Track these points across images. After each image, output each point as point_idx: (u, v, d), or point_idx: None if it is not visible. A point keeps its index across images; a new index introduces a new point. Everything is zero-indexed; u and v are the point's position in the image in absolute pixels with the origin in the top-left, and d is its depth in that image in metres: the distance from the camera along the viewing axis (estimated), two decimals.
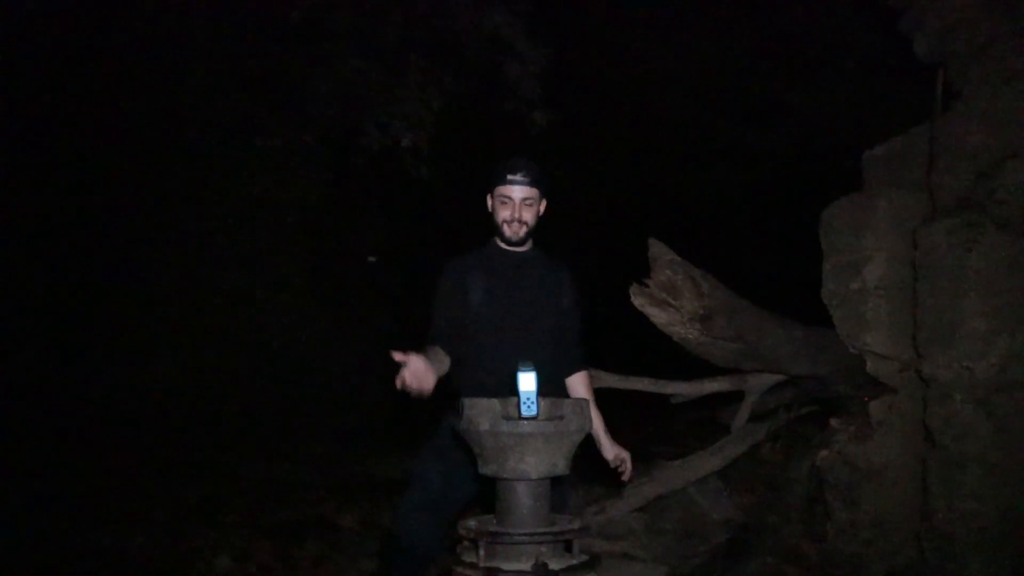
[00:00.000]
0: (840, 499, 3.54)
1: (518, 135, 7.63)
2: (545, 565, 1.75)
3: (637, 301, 3.50)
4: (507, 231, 2.58)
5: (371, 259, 7.68)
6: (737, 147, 7.97)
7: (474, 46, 7.29)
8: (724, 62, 7.02)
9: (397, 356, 2.22)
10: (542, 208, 2.65)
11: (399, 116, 7.43)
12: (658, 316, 3.52)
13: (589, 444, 2.55)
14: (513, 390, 1.81)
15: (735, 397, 4.35)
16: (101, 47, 6.36)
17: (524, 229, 2.58)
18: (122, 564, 4.30)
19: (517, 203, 2.56)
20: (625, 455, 2.65)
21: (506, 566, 1.77)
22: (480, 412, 1.80)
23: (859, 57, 6.05)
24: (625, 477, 2.70)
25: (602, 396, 3.11)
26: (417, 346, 2.50)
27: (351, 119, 7.41)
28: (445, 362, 2.48)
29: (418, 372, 2.23)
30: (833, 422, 3.73)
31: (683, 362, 4.05)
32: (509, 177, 2.54)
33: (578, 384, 2.72)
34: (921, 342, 3.21)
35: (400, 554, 2.43)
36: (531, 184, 2.55)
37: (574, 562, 1.80)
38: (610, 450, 2.65)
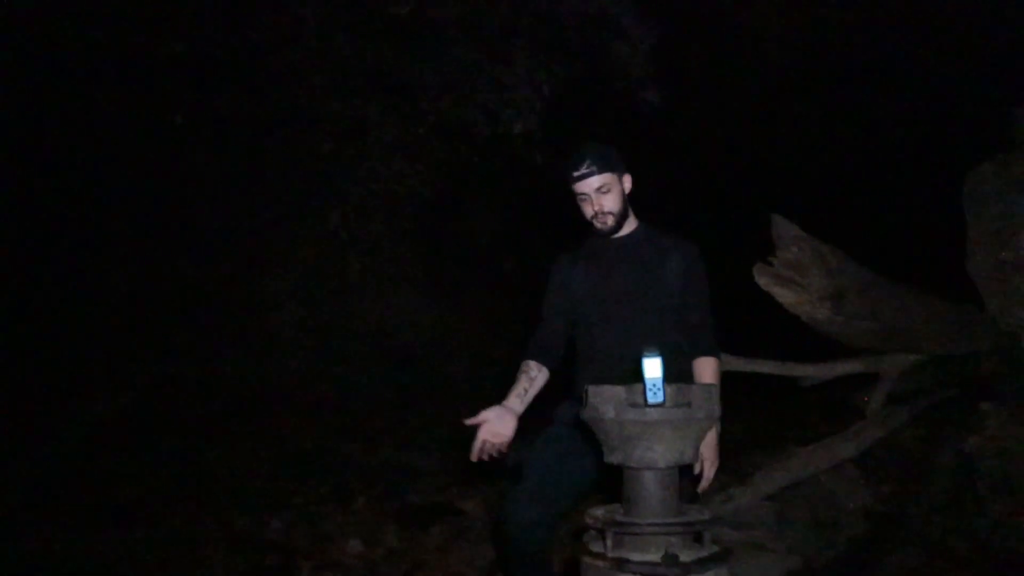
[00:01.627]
0: (994, 488, 3.28)
1: (630, 115, 7.50)
2: (675, 557, 1.69)
3: (762, 281, 3.34)
4: (597, 225, 2.51)
5: None
6: (865, 116, 7.51)
7: (580, 28, 7.21)
8: (846, 25, 6.61)
9: (470, 421, 2.31)
10: (626, 185, 2.54)
11: (509, 103, 7.46)
12: (785, 296, 3.35)
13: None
14: (636, 376, 1.76)
15: (868, 380, 4.10)
16: (220, 47, 6.64)
17: (611, 218, 2.50)
18: (261, 546, 4.54)
19: (593, 196, 2.47)
20: (710, 460, 2.39)
21: (635, 557, 1.72)
22: (605, 400, 1.76)
23: (995, 9, 5.56)
24: (701, 486, 2.42)
25: (728, 379, 2.98)
26: (525, 349, 2.56)
27: (461, 109, 7.49)
28: (538, 380, 2.51)
29: (494, 429, 2.34)
30: (984, 406, 3.45)
31: (813, 343, 3.85)
32: (575, 174, 2.46)
33: (703, 370, 2.50)
34: None
35: (511, 543, 2.40)
36: (599, 171, 2.45)
37: (705, 554, 1.73)
38: (708, 449, 2.39)
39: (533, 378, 2.51)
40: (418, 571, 4.10)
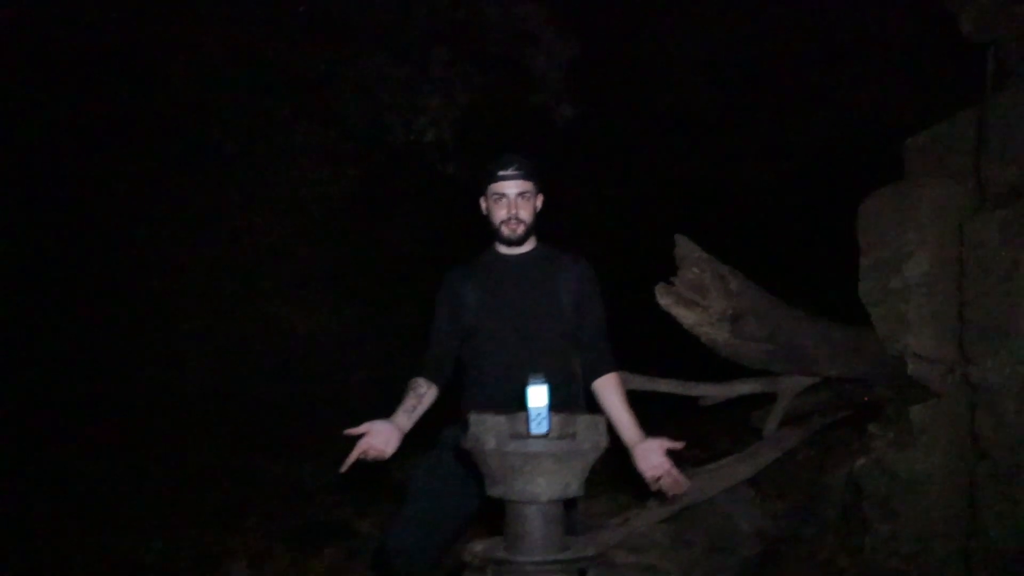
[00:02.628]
0: (879, 510, 3.34)
1: (545, 128, 7.50)
2: None
3: (663, 301, 3.32)
4: (505, 231, 2.43)
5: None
6: (768, 138, 7.73)
7: (499, 39, 7.18)
8: (755, 50, 6.80)
9: (350, 432, 2.23)
10: (539, 203, 2.48)
11: (423, 111, 7.36)
12: (686, 316, 3.34)
13: (615, 453, 2.38)
14: (522, 404, 1.67)
15: (767, 400, 4.16)
16: (125, 46, 6.35)
17: (522, 227, 2.43)
18: (138, 569, 4.26)
19: (512, 199, 2.41)
20: (664, 467, 2.24)
21: None
22: (486, 429, 1.67)
23: (896, 41, 5.80)
24: (672, 491, 2.26)
25: (629, 399, 2.94)
26: (415, 366, 2.47)
27: (375, 115, 7.35)
28: (426, 398, 2.42)
29: (375, 443, 2.23)
30: (871, 428, 3.53)
31: (712, 364, 3.88)
32: (501, 173, 2.40)
33: (607, 388, 2.40)
34: (968, 343, 3.00)
35: (389, 572, 2.28)
36: (525, 177, 2.40)
37: None
38: (644, 462, 2.26)
39: (421, 395, 2.41)
40: None
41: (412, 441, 2.50)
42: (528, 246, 2.50)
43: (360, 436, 2.25)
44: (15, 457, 5.43)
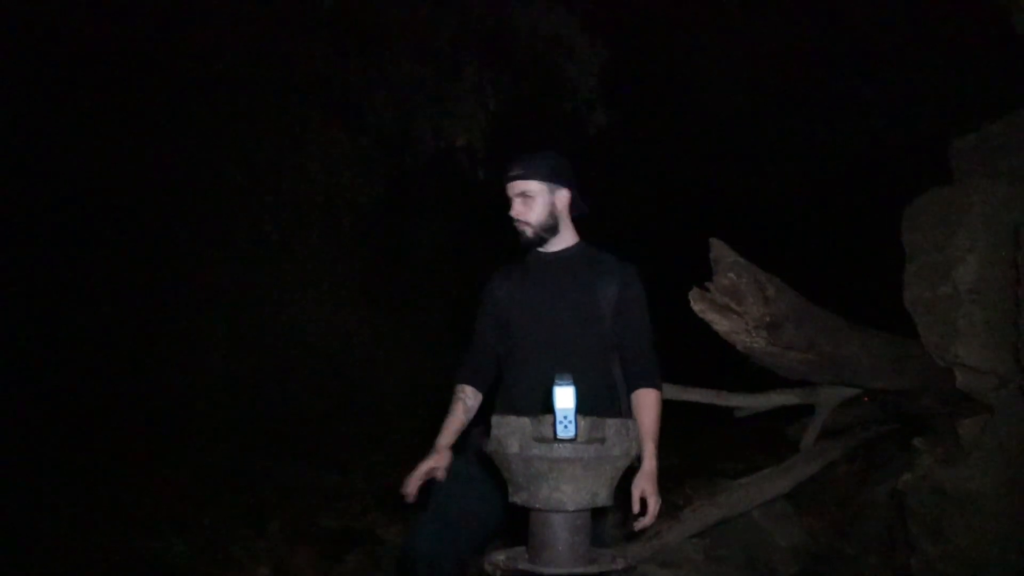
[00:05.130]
0: (925, 529, 3.17)
1: (577, 136, 7.42)
2: None
3: (697, 307, 3.20)
4: (518, 231, 2.36)
5: None
6: (807, 144, 7.57)
7: (530, 46, 7.14)
8: (791, 55, 6.66)
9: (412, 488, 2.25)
10: (558, 200, 2.35)
11: (454, 117, 7.33)
12: (720, 323, 3.21)
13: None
14: (547, 407, 1.57)
15: (805, 411, 4.00)
16: (161, 51, 6.42)
17: (529, 229, 2.33)
18: (161, 571, 4.21)
19: (515, 201, 2.33)
20: (651, 498, 2.10)
21: None
22: (509, 432, 1.57)
23: (937, 45, 5.64)
24: (638, 525, 2.15)
25: (663, 407, 2.81)
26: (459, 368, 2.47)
27: (406, 121, 7.34)
28: (474, 406, 2.41)
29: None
30: (917, 442, 3.36)
31: (748, 374, 3.74)
32: (505, 177, 2.34)
33: (639, 401, 2.28)
34: None
35: None
36: (524, 177, 2.30)
37: None
38: (639, 483, 2.12)
39: (470, 408, 2.39)
40: None
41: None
42: (562, 244, 2.40)
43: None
44: (38, 457, 5.45)
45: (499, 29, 7.03)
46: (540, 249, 2.39)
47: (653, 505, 2.11)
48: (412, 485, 2.23)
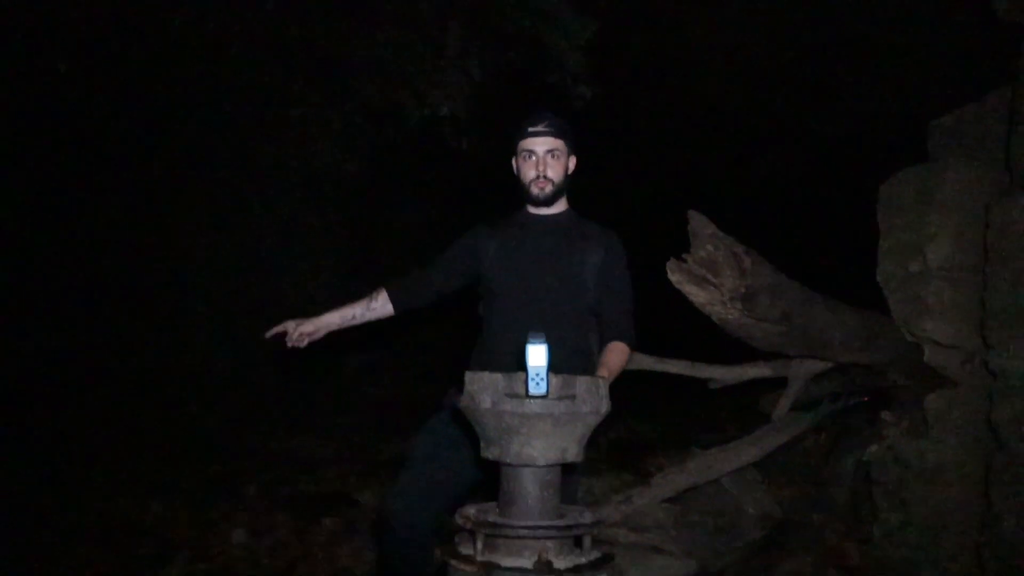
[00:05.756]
0: (889, 499, 3.26)
1: (562, 108, 7.40)
2: (549, 563, 1.54)
3: (674, 278, 3.22)
4: (534, 189, 2.34)
5: None
6: (787, 121, 7.61)
7: (516, 17, 7.08)
8: (773, 34, 6.67)
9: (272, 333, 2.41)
10: (571, 165, 2.40)
11: (437, 85, 7.27)
12: (697, 294, 3.24)
13: (614, 427, 2.31)
14: (521, 365, 1.60)
15: (778, 384, 4.07)
16: (136, 19, 6.29)
17: (550, 186, 2.34)
18: (138, 532, 4.24)
19: (541, 156, 2.33)
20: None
21: (506, 562, 1.56)
22: (482, 388, 1.59)
23: (917, 26, 5.67)
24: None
25: (638, 378, 2.86)
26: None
27: (389, 89, 7.27)
28: (373, 312, 2.49)
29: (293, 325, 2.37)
30: (884, 415, 3.44)
31: (723, 347, 3.79)
32: (531, 129, 2.32)
33: (610, 347, 2.29)
34: (990, 330, 2.90)
35: (391, 540, 2.23)
36: (555, 135, 2.32)
37: (582, 560, 1.59)
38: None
39: (372, 308, 2.47)
40: (303, 564, 3.89)
41: (418, 410, 2.43)
42: (557, 208, 2.42)
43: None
44: (16, 420, 5.43)
45: None
46: (533, 211, 2.41)
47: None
48: (273, 331, 2.39)
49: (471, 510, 1.67)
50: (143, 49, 6.51)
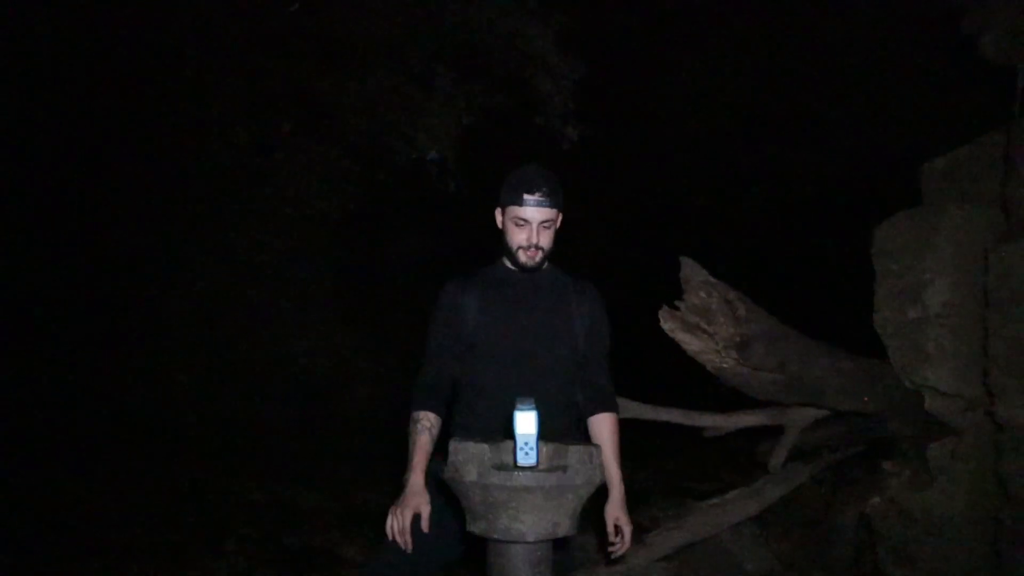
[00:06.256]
0: (893, 554, 3.14)
1: (550, 150, 7.41)
2: None
3: (667, 326, 3.16)
4: (523, 257, 2.21)
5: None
6: (779, 165, 7.62)
7: (504, 60, 7.13)
8: (764, 76, 6.71)
9: (399, 528, 2.04)
10: (559, 224, 2.28)
11: (426, 129, 7.28)
12: (690, 343, 3.17)
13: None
14: (509, 433, 1.49)
15: (774, 432, 3.97)
16: (127, 59, 6.29)
17: (541, 254, 2.22)
18: None
19: (535, 227, 2.18)
20: (625, 527, 2.16)
21: None
22: (467, 458, 1.49)
23: (907, 69, 5.71)
24: (615, 552, 2.20)
25: (631, 427, 2.75)
26: (415, 390, 2.26)
27: (378, 132, 7.27)
28: (436, 431, 2.19)
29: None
30: (885, 465, 3.33)
31: (718, 394, 3.70)
32: (527, 197, 2.15)
33: (601, 428, 2.24)
34: (994, 379, 2.81)
35: None
36: (551, 205, 2.17)
37: None
38: (611, 512, 2.17)
39: (434, 437, 2.18)
40: None
41: (398, 466, 2.30)
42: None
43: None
44: None
45: (473, 42, 7.01)
46: (513, 267, 2.30)
47: (628, 531, 2.17)
48: (407, 536, 2.02)
49: None
50: (131, 91, 6.50)
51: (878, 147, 6.32)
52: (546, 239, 2.22)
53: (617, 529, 2.16)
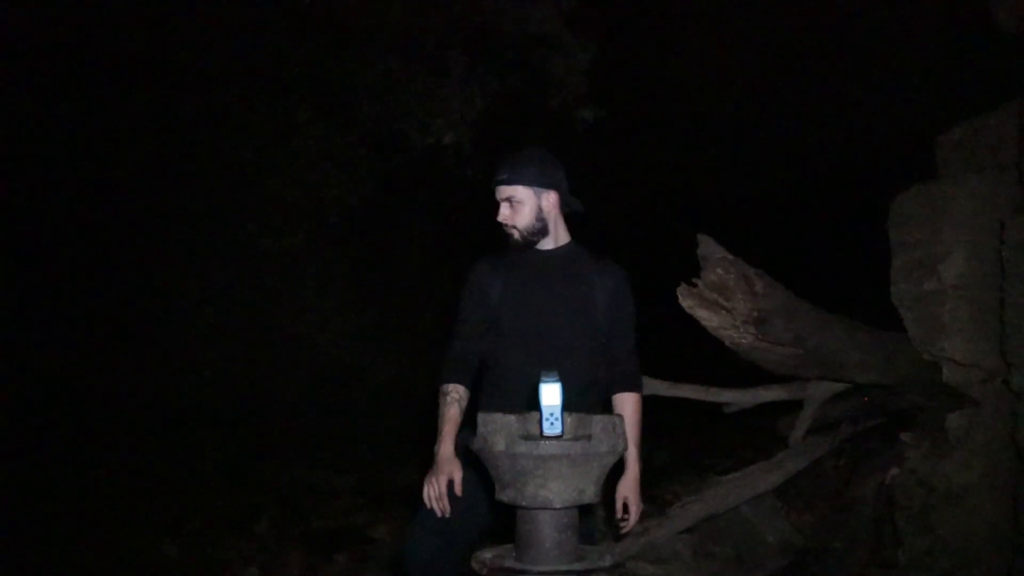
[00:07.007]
0: (913, 524, 3.18)
1: (564, 132, 7.42)
2: None
3: (686, 303, 3.19)
4: (506, 233, 2.34)
5: None
6: (794, 140, 7.58)
7: (517, 43, 7.12)
8: (777, 51, 6.67)
9: (436, 494, 2.17)
10: (545, 203, 2.31)
11: (440, 114, 7.31)
12: (709, 319, 3.20)
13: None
14: (535, 404, 1.56)
15: (794, 407, 4.01)
16: (141, 50, 6.36)
17: (516, 232, 2.30)
18: (151, 573, 4.19)
19: (501, 205, 2.31)
20: (633, 506, 2.24)
21: None
22: (495, 429, 1.55)
23: (923, 40, 5.66)
24: (622, 529, 2.31)
25: (651, 403, 2.81)
26: (443, 364, 2.36)
27: (393, 119, 7.31)
28: (465, 403, 2.32)
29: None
30: (904, 437, 3.37)
31: (737, 369, 3.74)
32: (495, 178, 2.31)
33: (623, 406, 2.30)
34: (1010, 349, 2.83)
35: None
36: (510, 182, 2.27)
37: None
38: (622, 491, 2.24)
39: (463, 409, 2.29)
40: None
41: (423, 447, 2.38)
42: (553, 243, 2.37)
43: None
44: (27, 459, 5.40)
45: (486, 26, 7.01)
46: (535, 247, 2.37)
47: (635, 511, 2.25)
48: (445, 501, 2.15)
49: (488, 555, 1.63)
50: (146, 79, 6.58)
51: (894, 119, 6.28)
52: (513, 216, 2.29)
53: (625, 507, 2.23)
